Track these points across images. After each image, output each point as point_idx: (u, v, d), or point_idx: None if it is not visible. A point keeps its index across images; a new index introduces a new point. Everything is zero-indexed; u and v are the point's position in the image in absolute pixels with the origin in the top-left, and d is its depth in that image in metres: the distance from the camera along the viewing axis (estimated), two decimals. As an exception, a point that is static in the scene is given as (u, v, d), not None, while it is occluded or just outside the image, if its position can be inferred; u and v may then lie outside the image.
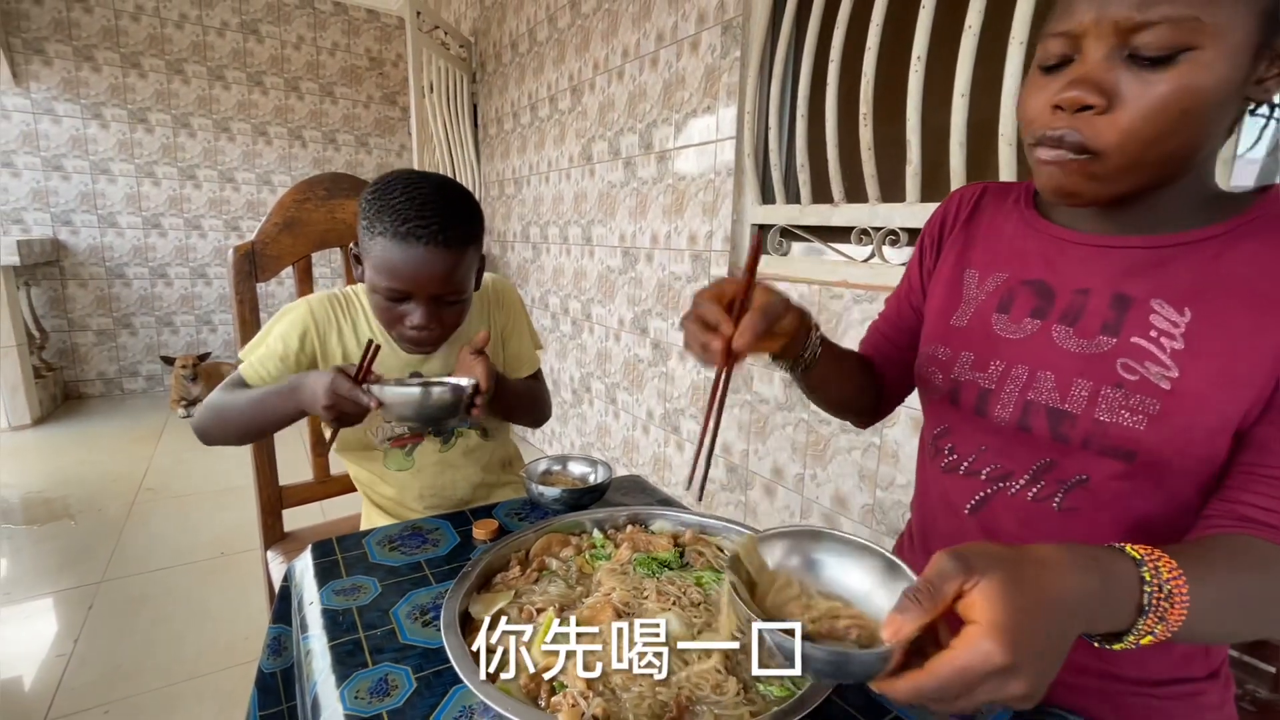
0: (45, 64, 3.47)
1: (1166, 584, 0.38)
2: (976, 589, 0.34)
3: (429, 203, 0.80)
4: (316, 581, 0.72)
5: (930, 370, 0.66)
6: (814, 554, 0.51)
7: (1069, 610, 0.35)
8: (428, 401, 0.77)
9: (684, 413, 2.01)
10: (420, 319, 0.84)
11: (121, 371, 3.90)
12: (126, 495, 2.51)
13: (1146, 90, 0.45)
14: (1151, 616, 0.38)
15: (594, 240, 2.45)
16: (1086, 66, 0.47)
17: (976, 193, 0.70)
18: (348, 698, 0.54)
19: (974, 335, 0.62)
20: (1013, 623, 0.33)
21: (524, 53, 2.89)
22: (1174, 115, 0.45)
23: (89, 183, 3.65)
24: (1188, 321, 0.50)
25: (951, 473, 0.64)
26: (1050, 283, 0.59)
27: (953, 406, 0.64)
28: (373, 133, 4.38)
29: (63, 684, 1.48)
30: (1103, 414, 0.52)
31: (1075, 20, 0.47)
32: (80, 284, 3.72)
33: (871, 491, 1.42)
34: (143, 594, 1.85)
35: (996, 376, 0.59)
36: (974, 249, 0.66)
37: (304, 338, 0.92)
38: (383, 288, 0.82)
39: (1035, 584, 0.35)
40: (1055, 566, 0.36)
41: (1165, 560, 0.39)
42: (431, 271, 0.81)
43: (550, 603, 0.60)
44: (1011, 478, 0.59)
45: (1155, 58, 0.44)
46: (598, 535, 0.74)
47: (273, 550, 1.19)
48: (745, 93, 1.67)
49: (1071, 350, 0.55)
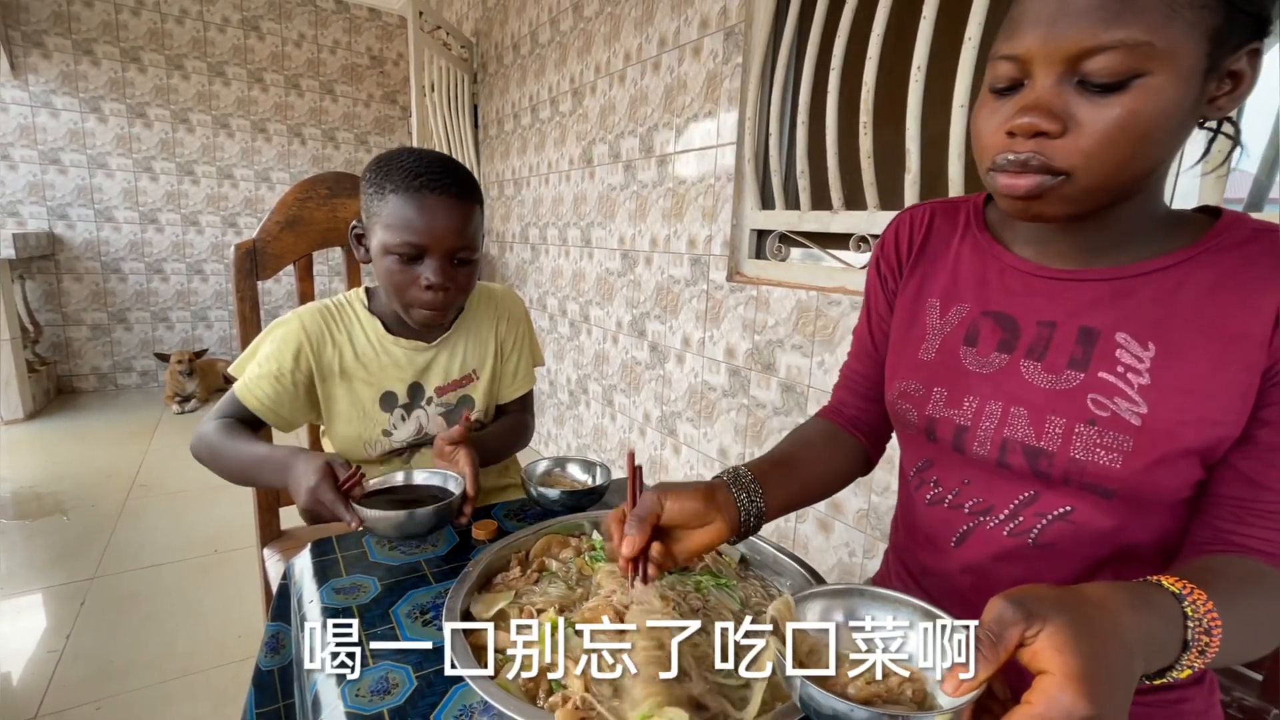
0: (44, 57, 3.46)
1: (1204, 619, 0.38)
2: (1042, 636, 0.33)
3: (436, 161, 0.83)
4: (316, 580, 0.72)
5: (904, 407, 0.64)
6: (852, 612, 0.48)
7: (1130, 651, 0.35)
8: (411, 524, 0.72)
9: (681, 416, 2.02)
10: (435, 275, 0.83)
11: (116, 367, 3.89)
12: (120, 491, 2.50)
13: (1100, 114, 0.44)
14: (1194, 651, 0.38)
15: (593, 242, 2.46)
16: (1037, 92, 0.46)
17: (926, 216, 0.68)
18: (349, 696, 0.54)
19: (943, 370, 0.61)
20: (1089, 671, 0.32)
21: (525, 54, 2.90)
22: (1133, 138, 0.45)
23: (86, 177, 3.64)
24: (1152, 356, 0.50)
25: (936, 505, 0.64)
26: (1013, 315, 0.58)
27: (931, 442, 0.63)
28: (372, 131, 4.38)
29: (54, 680, 1.47)
30: (1078, 452, 0.52)
31: (1023, 45, 0.46)
32: (75, 278, 3.70)
33: (866, 497, 1.43)
34: (135, 590, 1.85)
35: (971, 414, 0.58)
36: (932, 278, 0.65)
37: (298, 355, 0.89)
38: (397, 245, 0.81)
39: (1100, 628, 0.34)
40: (1113, 607, 0.36)
41: (1199, 593, 0.39)
42: (448, 222, 0.82)
43: (551, 604, 0.60)
44: (993, 511, 0.59)
45: (1105, 84, 0.44)
46: (597, 537, 0.74)
47: (269, 548, 1.19)
48: (746, 99, 1.68)
49: (1041, 386, 0.55)
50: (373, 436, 0.95)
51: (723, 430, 1.84)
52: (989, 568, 0.60)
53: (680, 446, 2.04)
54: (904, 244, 0.69)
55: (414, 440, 0.98)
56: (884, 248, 0.71)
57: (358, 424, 0.94)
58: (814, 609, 0.48)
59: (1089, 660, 0.32)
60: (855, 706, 0.36)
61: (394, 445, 0.97)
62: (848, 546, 1.49)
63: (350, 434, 0.94)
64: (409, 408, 0.96)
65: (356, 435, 0.94)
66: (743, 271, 1.76)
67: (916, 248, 0.67)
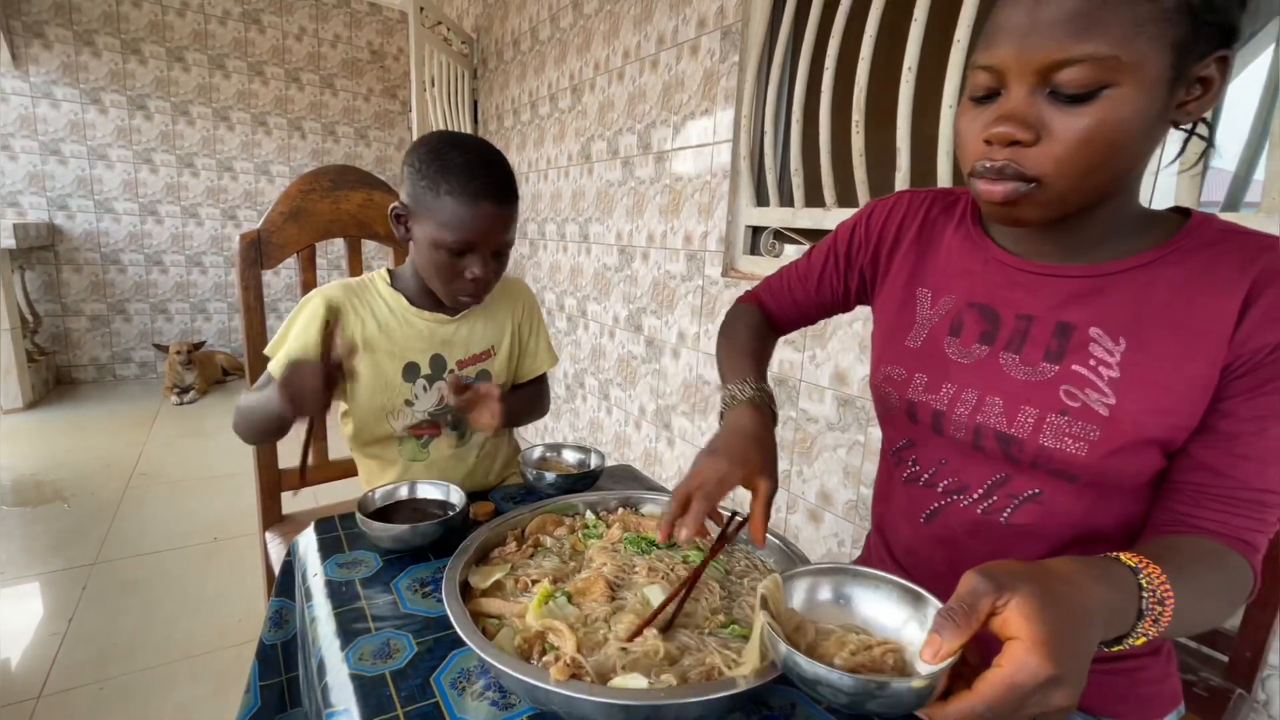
0: (45, 47, 3.47)
1: (1158, 590, 0.41)
2: (1010, 606, 0.35)
3: (487, 163, 0.88)
4: (320, 555, 0.75)
5: (887, 390, 0.68)
6: (838, 590, 0.51)
7: (1091, 619, 0.37)
8: (414, 537, 0.73)
9: (675, 409, 2.05)
10: (480, 269, 0.90)
11: (115, 358, 3.90)
12: (119, 480, 2.52)
13: (1071, 124, 0.47)
14: (1148, 620, 0.41)
15: (591, 238, 2.49)
16: (1011, 103, 0.49)
17: (925, 204, 0.70)
18: (352, 659, 0.57)
19: (927, 358, 0.65)
20: (1054, 636, 0.34)
21: (525, 51, 2.92)
22: (1102, 146, 0.47)
23: (86, 168, 3.65)
24: (1123, 351, 0.54)
25: (912, 483, 0.68)
26: (995, 307, 0.61)
27: (912, 423, 0.67)
28: (372, 125, 4.39)
29: (57, 661, 1.50)
30: (1047, 440, 0.55)
31: (997, 56, 0.49)
32: (75, 269, 3.72)
33: (855, 488, 1.47)
34: (136, 577, 1.87)
35: (948, 399, 0.62)
36: (926, 268, 0.68)
37: (322, 329, 0.92)
38: (450, 242, 0.87)
39: (1064, 597, 0.36)
40: (1076, 579, 0.39)
41: (1153, 567, 0.42)
42: (497, 222, 0.89)
43: (545, 575, 0.63)
44: (967, 491, 0.63)
45: (1075, 95, 0.46)
46: (590, 516, 0.78)
47: (271, 532, 1.22)
48: (742, 97, 1.70)
49: (1018, 378, 0.58)
50: (395, 406, 0.98)
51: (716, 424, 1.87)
52: (963, 543, 0.63)
53: (675, 440, 2.07)
54: (891, 229, 0.71)
55: (435, 410, 1.02)
56: (870, 221, 0.73)
57: (380, 394, 0.97)
58: (801, 586, 0.51)
59: (1054, 627, 0.34)
60: (841, 674, 0.38)
61: (416, 416, 1.00)
62: (837, 536, 1.53)
63: (374, 404, 0.97)
64: (431, 379, 1.00)
65: (379, 405, 0.98)
66: (738, 267, 1.79)
67: (909, 235, 0.70)
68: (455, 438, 1.05)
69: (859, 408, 1.44)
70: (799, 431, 1.59)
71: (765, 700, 0.54)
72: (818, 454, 1.55)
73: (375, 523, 0.73)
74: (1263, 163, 0.94)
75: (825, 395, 1.51)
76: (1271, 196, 0.90)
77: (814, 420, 1.55)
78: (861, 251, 0.74)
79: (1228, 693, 0.84)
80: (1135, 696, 0.62)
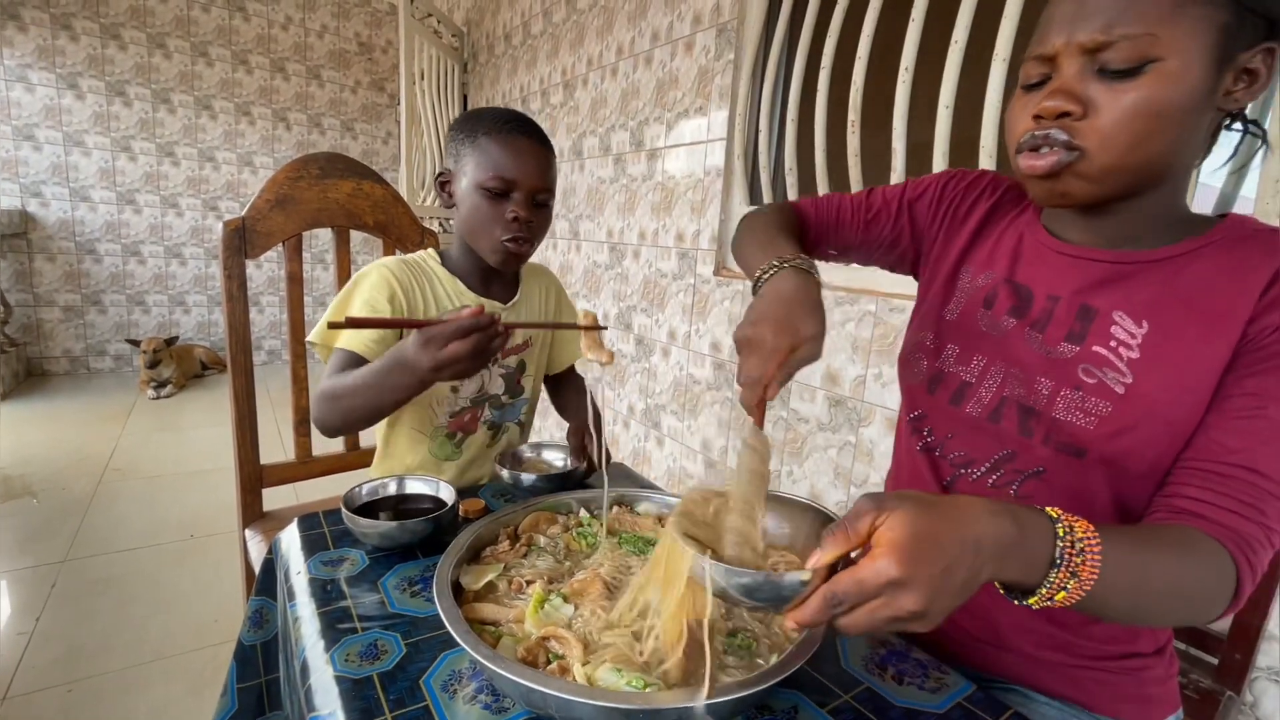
0: (20, 30, 3.37)
1: (1079, 542, 0.40)
2: (884, 521, 0.38)
3: (520, 115, 0.93)
4: (304, 552, 0.72)
5: (916, 355, 0.69)
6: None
7: (974, 547, 0.37)
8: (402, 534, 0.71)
9: (665, 409, 2.04)
10: (521, 209, 0.90)
11: (89, 350, 3.80)
12: (92, 475, 2.45)
13: (1118, 98, 0.49)
14: (1063, 570, 0.40)
15: (581, 235, 2.47)
16: (1061, 79, 0.51)
17: (1001, 189, 0.71)
18: (338, 660, 0.55)
19: (960, 329, 0.66)
20: (907, 542, 0.36)
21: (517, 45, 2.89)
22: (1148, 119, 0.49)
23: (61, 154, 3.55)
24: (1144, 333, 0.55)
25: (929, 453, 0.69)
26: (1030, 285, 0.63)
27: (929, 395, 0.68)
28: (359, 118, 4.33)
29: (23, 662, 1.44)
30: (1059, 412, 0.57)
31: (1050, 44, 0.52)
32: (48, 258, 3.61)
33: (846, 489, 1.46)
34: (108, 575, 1.81)
35: (977, 372, 0.64)
36: (977, 249, 0.69)
37: (392, 300, 0.90)
38: (488, 179, 0.89)
39: (939, 517, 0.38)
40: (967, 508, 0.39)
41: (1082, 523, 0.41)
42: (534, 161, 0.91)
43: (539, 575, 0.61)
44: (973, 465, 0.64)
45: (1122, 70, 0.48)
46: (585, 514, 0.76)
47: (250, 529, 1.19)
48: (737, 95, 1.70)
49: (1039, 354, 0.60)
50: (441, 391, 0.98)
51: (706, 423, 1.86)
52: None
53: (664, 439, 2.06)
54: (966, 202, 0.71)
55: (476, 397, 1.01)
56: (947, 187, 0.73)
57: None
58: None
59: (913, 537, 0.36)
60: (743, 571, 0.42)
61: (459, 403, 1.00)
62: (826, 538, 1.52)
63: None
64: None
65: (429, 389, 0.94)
66: (730, 266, 1.78)
67: (977, 218, 0.70)
68: (490, 435, 1.05)
69: (850, 408, 1.44)
70: (790, 431, 1.58)
71: (769, 704, 0.53)
72: (808, 454, 1.54)
73: (362, 519, 0.71)
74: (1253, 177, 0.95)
75: (817, 395, 1.51)
76: (1265, 201, 0.91)
77: (805, 420, 1.54)
78: (928, 209, 0.74)
79: (1217, 695, 0.85)
80: (1138, 697, 0.62)
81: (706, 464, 1.87)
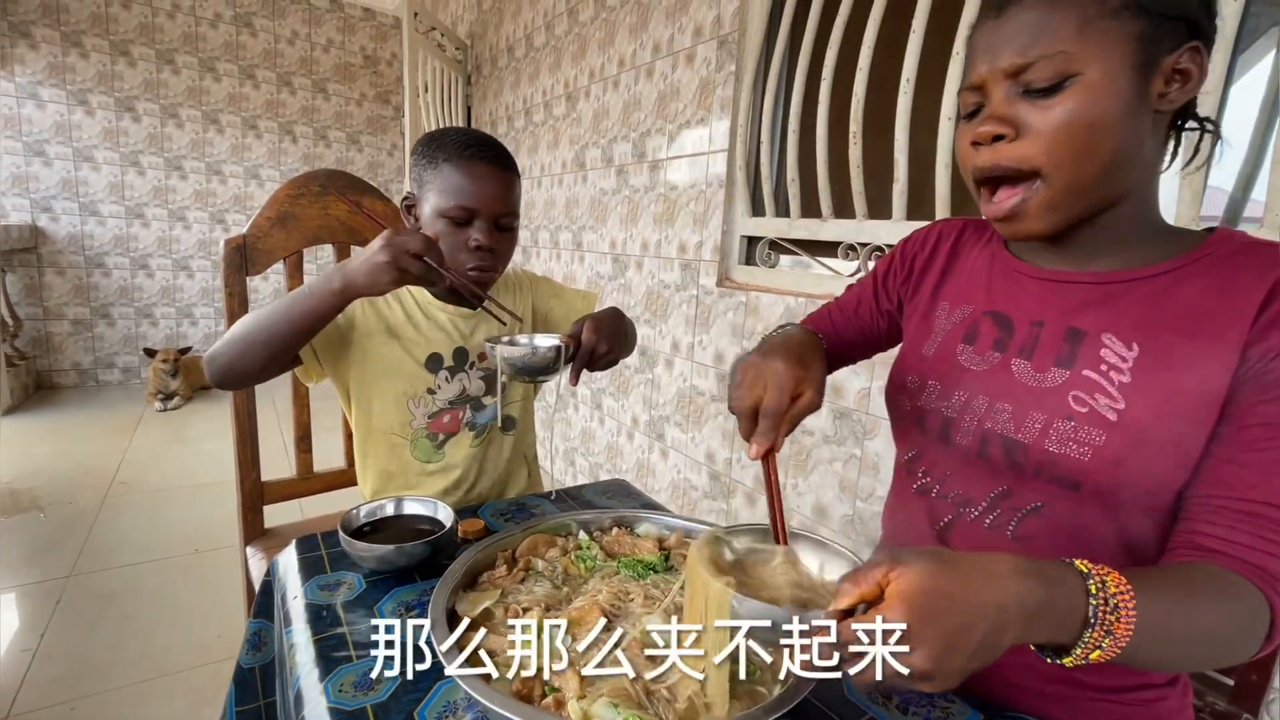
0: (31, 48, 3.42)
1: (1113, 598, 0.39)
2: (898, 574, 0.37)
3: (482, 136, 0.93)
4: (301, 576, 0.72)
5: (900, 397, 0.69)
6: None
7: (996, 609, 0.36)
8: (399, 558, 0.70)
9: (669, 420, 2.03)
10: (483, 236, 0.90)
11: (97, 363, 3.83)
12: (98, 488, 2.46)
13: (1046, 115, 0.50)
14: (1098, 630, 0.39)
15: (584, 246, 2.47)
16: (991, 106, 0.53)
17: (958, 229, 0.73)
18: (331, 691, 0.54)
19: (940, 365, 0.65)
20: (915, 596, 0.35)
21: (520, 57, 2.90)
22: (1081, 130, 0.49)
23: (71, 170, 3.60)
24: (1135, 355, 0.53)
25: (925, 495, 0.67)
26: (1009, 314, 0.62)
27: (921, 433, 0.67)
28: (364, 131, 4.37)
29: (28, 679, 1.44)
30: (1052, 445, 0.55)
31: (977, 73, 0.54)
32: (58, 272, 3.65)
33: (851, 502, 1.44)
34: (113, 590, 1.82)
35: (958, 406, 0.62)
36: (949, 283, 0.70)
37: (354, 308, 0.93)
38: (450, 208, 0.89)
39: (957, 576, 0.37)
40: (991, 567, 0.38)
41: (1114, 575, 0.40)
42: (495, 187, 0.91)
43: (536, 603, 0.61)
44: (972, 504, 0.62)
45: (1044, 88, 0.50)
46: (584, 537, 0.75)
47: (252, 546, 1.18)
48: (738, 106, 1.69)
49: (1028, 384, 0.58)
50: (418, 393, 0.98)
51: (710, 435, 1.85)
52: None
53: (668, 451, 2.05)
54: (927, 252, 0.74)
55: (455, 399, 1.01)
56: (908, 244, 0.76)
57: (403, 381, 0.97)
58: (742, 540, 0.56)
59: (922, 594, 0.36)
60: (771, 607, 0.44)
61: (437, 405, 1.00)
62: (832, 552, 1.50)
63: (396, 390, 0.97)
64: (453, 370, 1.01)
65: (402, 391, 0.97)
66: (732, 277, 1.78)
67: (943, 255, 0.72)
68: (472, 436, 1.03)
69: (855, 421, 1.42)
70: (794, 444, 1.57)
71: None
72: (813, 467, 1.53)
73: (359, 542, 0.70)
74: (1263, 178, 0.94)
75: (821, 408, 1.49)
76: (1274, 212, 0.89)
77: (810, 433, 1.53)
78: (896, 276, 0.76)
79: (1234, 717, 0.83)
80: (1150, 728, 0.60)
81: (711, 477, 1.86)
